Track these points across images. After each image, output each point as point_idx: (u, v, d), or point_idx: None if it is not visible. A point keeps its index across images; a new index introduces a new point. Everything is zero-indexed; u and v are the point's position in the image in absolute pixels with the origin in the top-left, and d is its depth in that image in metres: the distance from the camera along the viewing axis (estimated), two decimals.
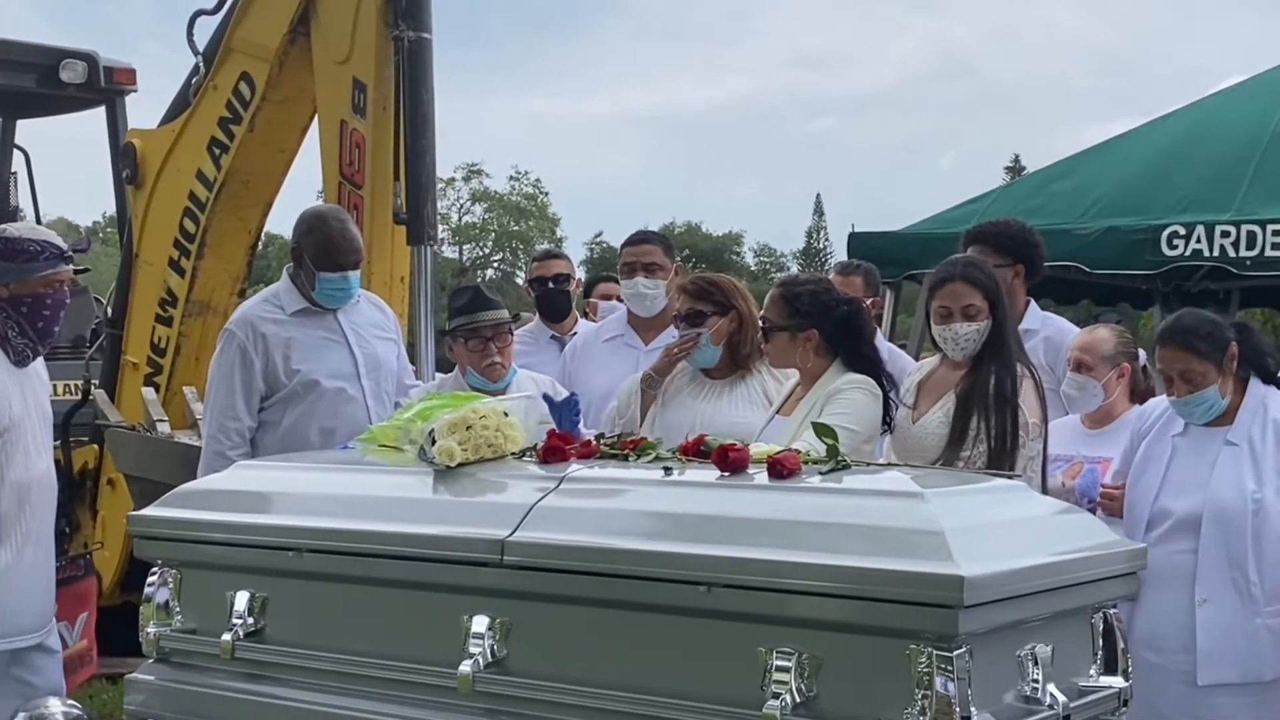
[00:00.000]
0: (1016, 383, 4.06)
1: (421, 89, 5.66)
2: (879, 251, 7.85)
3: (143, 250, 7.09)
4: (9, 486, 4.25)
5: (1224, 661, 4.06)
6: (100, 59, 8.57)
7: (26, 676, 4.34)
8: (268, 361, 4.91)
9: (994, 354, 4.13)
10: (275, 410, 4.96)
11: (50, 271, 4.38)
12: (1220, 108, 8.45)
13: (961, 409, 4.02)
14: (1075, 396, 4.69)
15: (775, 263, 64.55)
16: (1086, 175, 8.23)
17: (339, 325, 5.02)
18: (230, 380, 4.93)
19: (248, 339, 4.92)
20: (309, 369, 4.93)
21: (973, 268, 4.25)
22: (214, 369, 5.05)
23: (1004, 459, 3.91)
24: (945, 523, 2.59)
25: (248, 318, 5.01)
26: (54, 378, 7.66)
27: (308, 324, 4.99)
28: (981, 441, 3.96)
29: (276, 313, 4.99)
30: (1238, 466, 4.13)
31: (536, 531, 2.94)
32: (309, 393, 4.92)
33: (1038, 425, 4.07)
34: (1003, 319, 4.18)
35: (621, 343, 5.41)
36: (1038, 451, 4.09)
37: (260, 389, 4.93)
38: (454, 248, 54.91)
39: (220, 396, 4.97)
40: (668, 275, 5.38)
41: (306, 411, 4.91)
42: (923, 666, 2.49)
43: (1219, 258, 7.11)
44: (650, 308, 5.37)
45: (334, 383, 4.93)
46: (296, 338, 4.95)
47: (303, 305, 4.99)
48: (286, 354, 4.92)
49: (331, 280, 4.92)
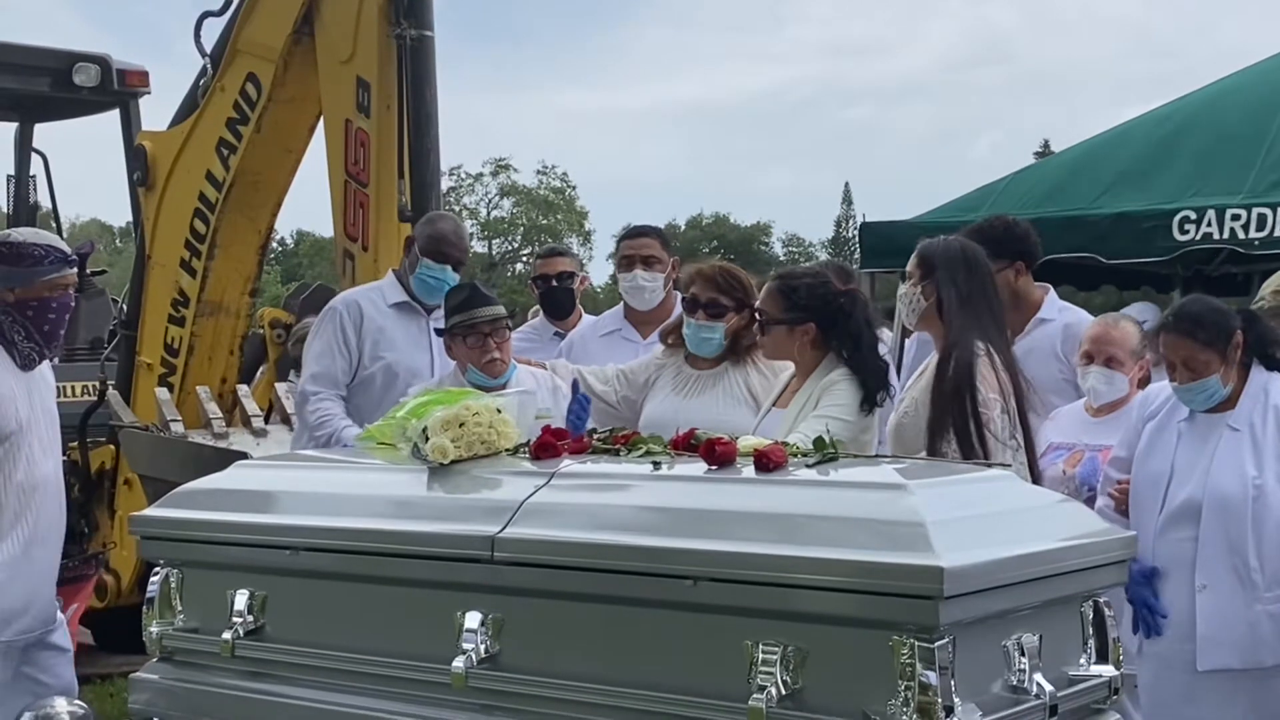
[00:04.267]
0: (971, 363, 3.99)
1: (424, 87, 5.70)
2: (890, 241, 7.84)
3: (155, 251, 7.13)
4: (15, 487, 4.31)
5: (1224, 647, 4.04)
6: (113, 62, 8.64)
7: (38, 675, 4.40)
8: (359, 339, 5.13)
9: (951, 335, 4.07)
10: (353, 394, 5.15)
11: (55, 275, 4.42)
12: (1230, 91, 8.40)
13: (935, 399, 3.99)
14: (1103, 390, 4.64)
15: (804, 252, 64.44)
16: (1098, 160, 8.20)
17: (428, 329, 5.20)
18: (329, 346, 5.15)
19: (347, 313, 5.17)
20: (392, 359, 5.14)
21: (925, 240, 4.31)
22: (312, 341, 5.28)
23: (971, 443, 3.88)
24: (927, 514, 2.59)
25: (352, 296, 5.30)
26: (73, 379, 7.84)
27: (401, 319, 5.23)
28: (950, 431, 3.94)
29: (378, 300, 5.23)
30: (1239, 452, 4.10)
31: (526, 528, 2.95)
32: (385, 382, 5.09)
33: (995, 399, 3.99)
34: (946, 292, 4.11)
35: (619, 337, 5.45)
36: (1004, 425, 4.00)
37: (352, 361, 5.14)
38: (483, 242, 55.09)
39: (315, 362, 5.17)
40: (665, 268, 5.43)
41: (376, 399, 5.01)
42: (905, 658, 2.49)
43: (1229, 240, 7.07)
44: (649, 301, 5.42)
45: (409, 379, 5.03)
46: (388, 328, 5.18)
47: (402, 299, 5.24)
48: (376, 339, 5.15)
49: (432, 269, 5.13)
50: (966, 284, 4.11)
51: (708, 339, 4.70)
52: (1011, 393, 4.07)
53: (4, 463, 4.29)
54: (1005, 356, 4.12)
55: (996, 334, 4.14)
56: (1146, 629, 4.17)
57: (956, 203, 8.42)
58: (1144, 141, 8.16)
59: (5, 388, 4.30)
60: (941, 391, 3.96)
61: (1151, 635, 4.17)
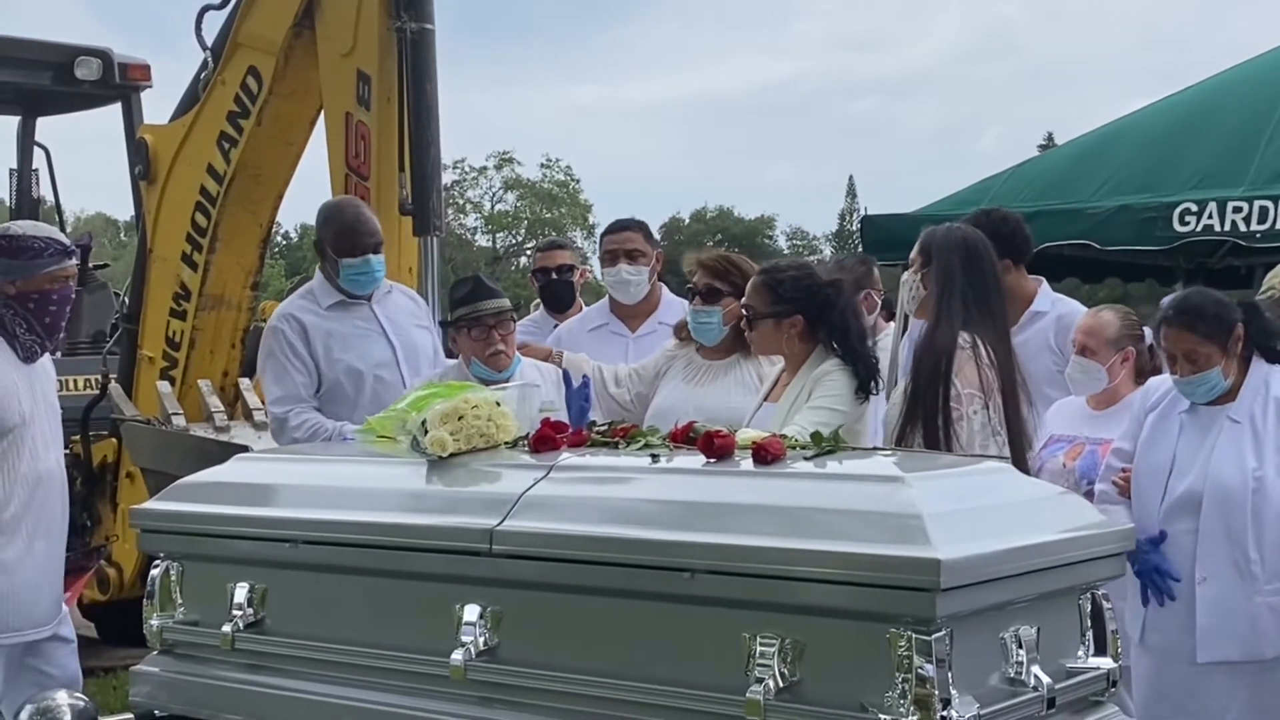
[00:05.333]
0: (953, 353, 3.98)
1: (425, 80, 5.69)
2: (891, 234, 7.84)
3: (156, 245, 7.15)
4: (19, 481, 4.32)
5: (1224, 639, 4.04)
6: (115, 55, 8.65)
7: (43, 667, 4.41)
8: (310, 350, 5.02)
9: (938, 322, 4.07)
10: (326, 404, 5.04)
11: (56, 268, 4.43)
12: (1231, 83, 8.39)
13: (914, 384, 3.99)
14: (1079, 380, 4.67)
15: (808, 246, 64.38)
16: (1099, 153, 8.19)
17: (375, 315, 5.12)
18: (282, 366, 5.02)
19: (290, 329, 5.03)
20: (351, 359, 5.03)
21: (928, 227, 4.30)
22: (264, 367, 5.15)
23: (937, 436, 3.87)
24: (924, 507, 2.58)
25: (287, 311, 5.13)
26: (75, 372, 7.85)
27: (344, 316, 5.10)
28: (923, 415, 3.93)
29: (314, 307, 5.11)
30: (1239, 444, 4.10)
31: (524, 520, 2.95)
32: (352, 382, 5.01)
33: (973, 395, 3.97)
34: (940, 281, 4.12)
35: (607, 331, 5.44)
36: (984, 422, 3.98)
37: (311, 373, 5.02)
38: (487, 236, 55.09)
39: (275, 385, 5.05)
40: (649, 261, 5.43)
41: (350, 402, 4.98)
42: (902, 650, 2.49)
43: (1230, 232, 7.07)
44: (634, 294, 5.41)
45: (375, 371, 5.01)
46: (335, 329, 5.05)
47: (337, 298, 5.11)
48: (328, 344, 5.03)
49: (353, 265, 5.02)
50: (963, 273, 4.11)
51: (705, 324, 4.71)
52: (998, 388, 4.03)
53: (7, 456, 4.30)
54: (1000, 350, 4.10)
55: (989, 326, 4.11)
56: (1159, 595, 4.14)
57: (957, 196, 8.41)
58: (1146, 134, 8.16)
59: (7, 381, 4.31)
60: (916, 382, 3.96)
61: (1164, 602, 4.14)
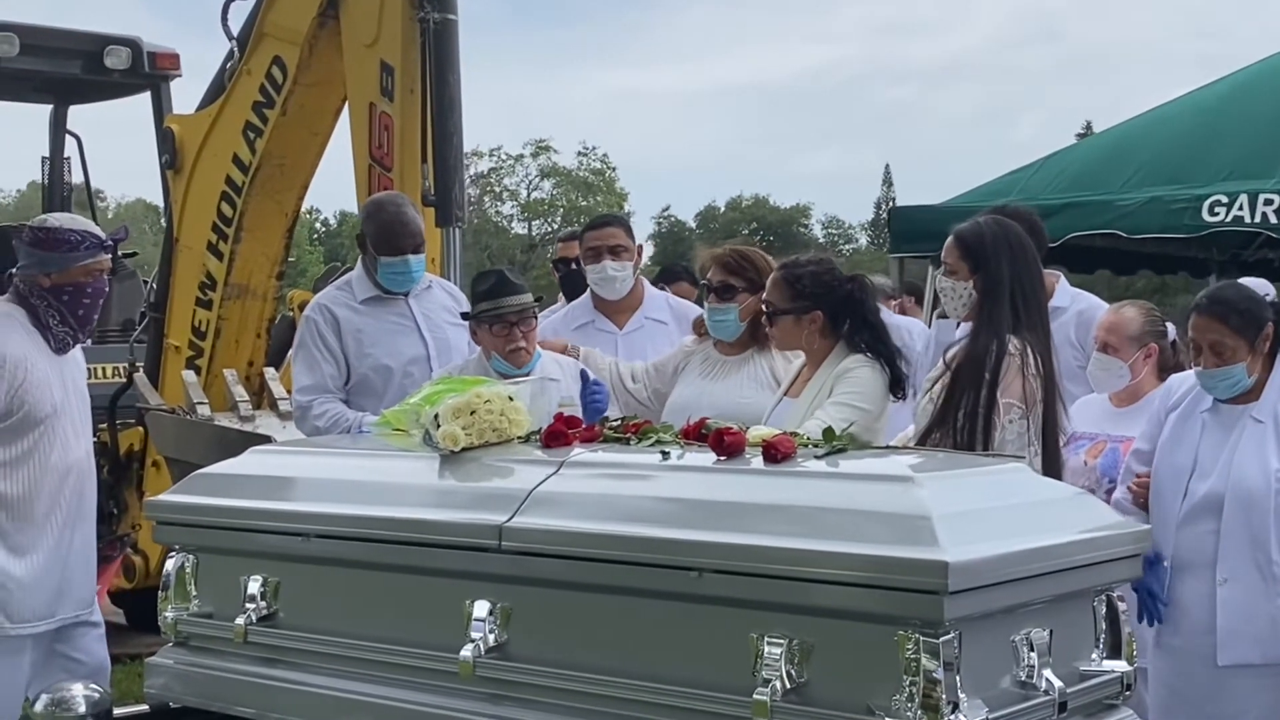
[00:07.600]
0: (1000, 360, 3.88)
1: (448, 71, 5.68)
2: (919, 225, 7.81)
3: (182, 234, 7.16)
4: (51, 471, 4.36)
5: (1245, 642, 3.98)
6: (144, 44, 8.68)
7: (72, 654, 4.46)
8: (341, 344, 5.03)
9: (983, 325, 3.98)
10: (355, 397, 5.05)
11: (90, 260, 4.47)
12: (1264, 75, 8.30)
13: (951, 386, 3.92)
14: (1100, 377, 4.62)
15: (844, 234, 64.17)
16: (1131, 144, 8.12)
17: (410, 311, 5.12)
18: (312, 356, 5.04)
19: (324, 320, 5.05)
20: (380, 354, 5.03)
21: (961, 227, 4.16)
22: (295, 356, 5.17)
23: (974, 440, 3.80)
24: (934, 508, 2.56)
25: (323, 301, 5.16)
26: (103, 360, 7.88)
27: (379, 311, 5.10)
28: (956, 420, 3.86)
29: (349, 300, 5.12)
30: (1262, 444, 4.04)
31: (534, 517, 2.94)
32: (381, 378, 5.00)
33: (1014, 405, 3.88)
34: (989, 286, 3.99)
35: (594, 328, 5.40)
36: (1020, 432, 3.88)
37: (340, 365, 5.03)
38: (523, 223, 55.18)
39: (305, 374, 5.06)
40: (633, 256, 5.41)
41: (378, 396, 4.96)
42: (910, 653, 2.46)
43: (1261, 224, 7.00)
44: (619, 290, 5.38)
45: (406, 367, 5.00)
46: (368, 325, 5.06)
47: (374, 293, 5.12)
48: (358, 339, 5.03)
49: (392, 264, 5.03)
50: (1011, 275, 3.99)
51: (721, 321, 4.69)
52: (1040, 399, 3.92)
53: (39, 446, 4.33)
54: (1047, 359, 3.97)
55: (1035, 329, 4.00)
56: (1150, 617, 4.12)
57: (987, 186, 8.36)
58: (1179, 125, 8.09)
59: (40, 372, 4.35)
60: (954, 385, 3.88)
61: (1153, 624, 4.12)
